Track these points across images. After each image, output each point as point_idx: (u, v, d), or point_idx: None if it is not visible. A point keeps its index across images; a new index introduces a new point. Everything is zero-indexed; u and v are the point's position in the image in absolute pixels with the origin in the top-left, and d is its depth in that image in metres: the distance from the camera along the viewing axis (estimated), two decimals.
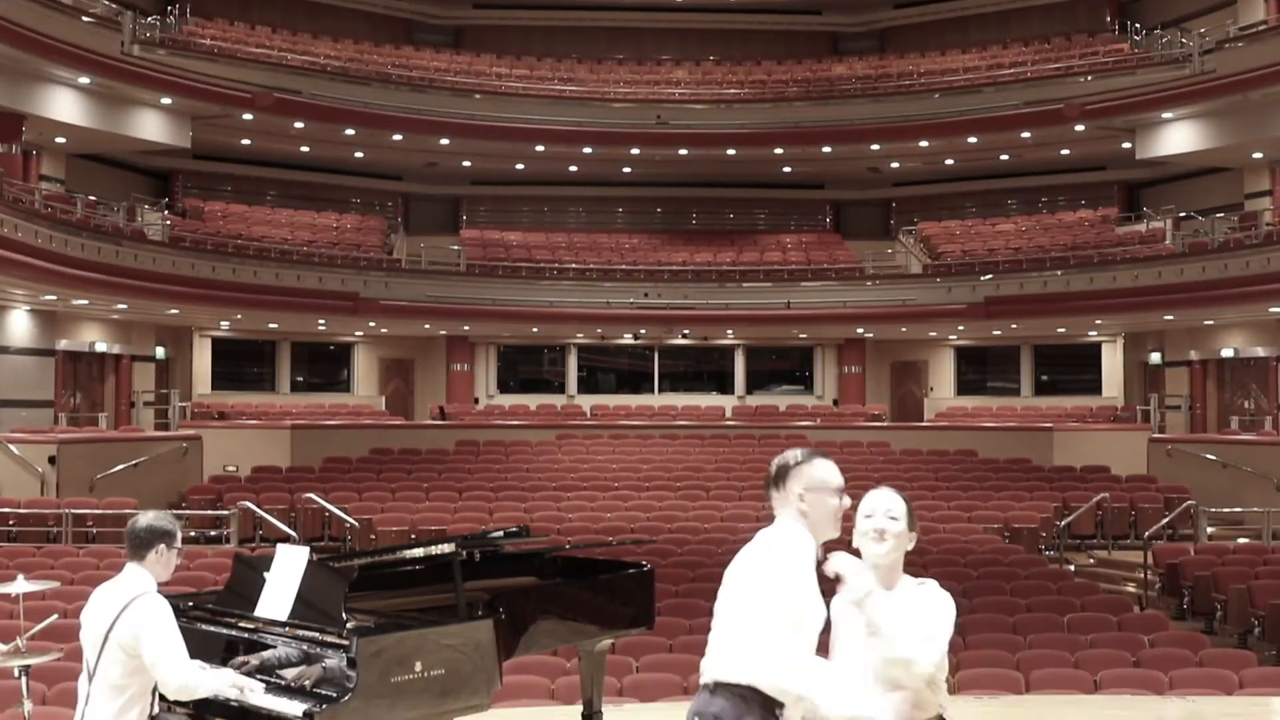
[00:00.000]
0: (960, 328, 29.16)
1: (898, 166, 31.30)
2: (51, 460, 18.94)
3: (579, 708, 7.70)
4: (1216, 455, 21.28)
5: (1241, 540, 18.10)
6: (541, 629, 6.46)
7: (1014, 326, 28.27)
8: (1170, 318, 25.93)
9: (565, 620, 6.80)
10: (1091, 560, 18.57)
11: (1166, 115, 25.93)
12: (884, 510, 4.34)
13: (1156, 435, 23.85)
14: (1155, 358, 28.72)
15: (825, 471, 4.24)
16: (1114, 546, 19.02)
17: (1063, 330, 29.11)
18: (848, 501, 4.25)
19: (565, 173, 31.62)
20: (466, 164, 30.94)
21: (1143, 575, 16.36)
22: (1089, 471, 22.15)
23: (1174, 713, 8.80)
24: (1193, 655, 10.77)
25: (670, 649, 10.90)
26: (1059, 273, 26.44)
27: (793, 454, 4.36)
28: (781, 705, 3.90)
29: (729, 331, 30.68)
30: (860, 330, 30.21)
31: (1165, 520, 18.55)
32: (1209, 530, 18.31)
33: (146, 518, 5.34)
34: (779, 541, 4.10)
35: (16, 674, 5.82)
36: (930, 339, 31.10)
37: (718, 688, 3.97)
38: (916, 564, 14.54)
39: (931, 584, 4.36)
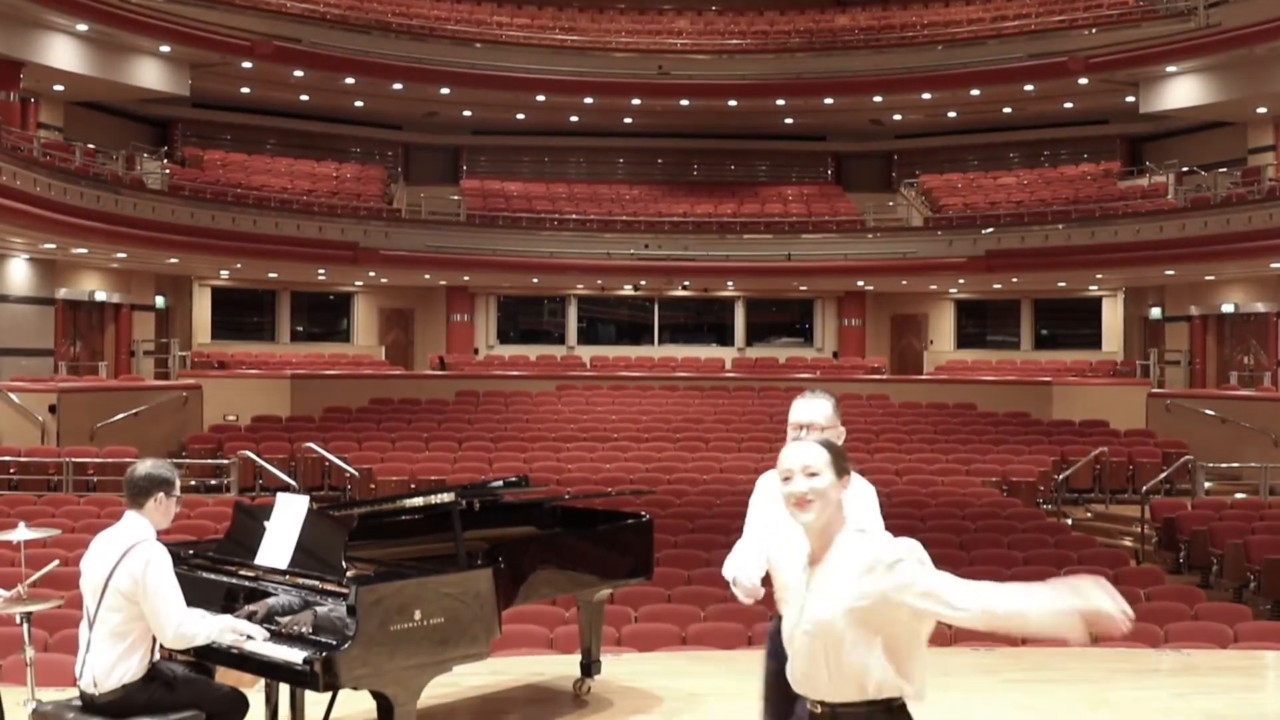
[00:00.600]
0: (961, 281, 29.13)
1: (900, 119, 31.17)
2: (52, 409, 18.97)
3: (577, 657, 7.76)
4: (1215, 411, 21.30)
5: (1239, 495, 18.17)
6: (540, 578, 6.49)
7: (1014, 280, 28.25)
8: (1171, 273, 25.90)
9: (564, 570, 6.84)
10: (1089, 514, 18.63)
11: (1170, 69, 25.81)
12: (801, 467, 3.61)
13: (1155, 390, 23.86)
14: (1155, 312, 28.72)
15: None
16: (1111, 501, 19.07)
17: (1063, 284, 29.07)
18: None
19: (566, 123, 31.48)
20: (467, 114, 30.81)
21: (1140, 529, 16.41)
22: (1088, 426, 22.18)
23: (1169, 665, 8.86)
24: (1188, 609, 10.83)
25: (669, 599, 10.96)
26: (1060, 226, 26.40)
27: None
28: None
29: (729, 283, 30.65)
30: (860, 283, 30.18)
31: (1163, 475, 18.59)
32: (1206, 485, 18.36)
33: (145, 465, 5.36)
34: None
35: (18, 620, 5.85)
36: (930, 292, 31.07)
37: None
38: (914, 517, 14.66)
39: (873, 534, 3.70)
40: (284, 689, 5.83)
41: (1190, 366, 27.06)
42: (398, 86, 28.26)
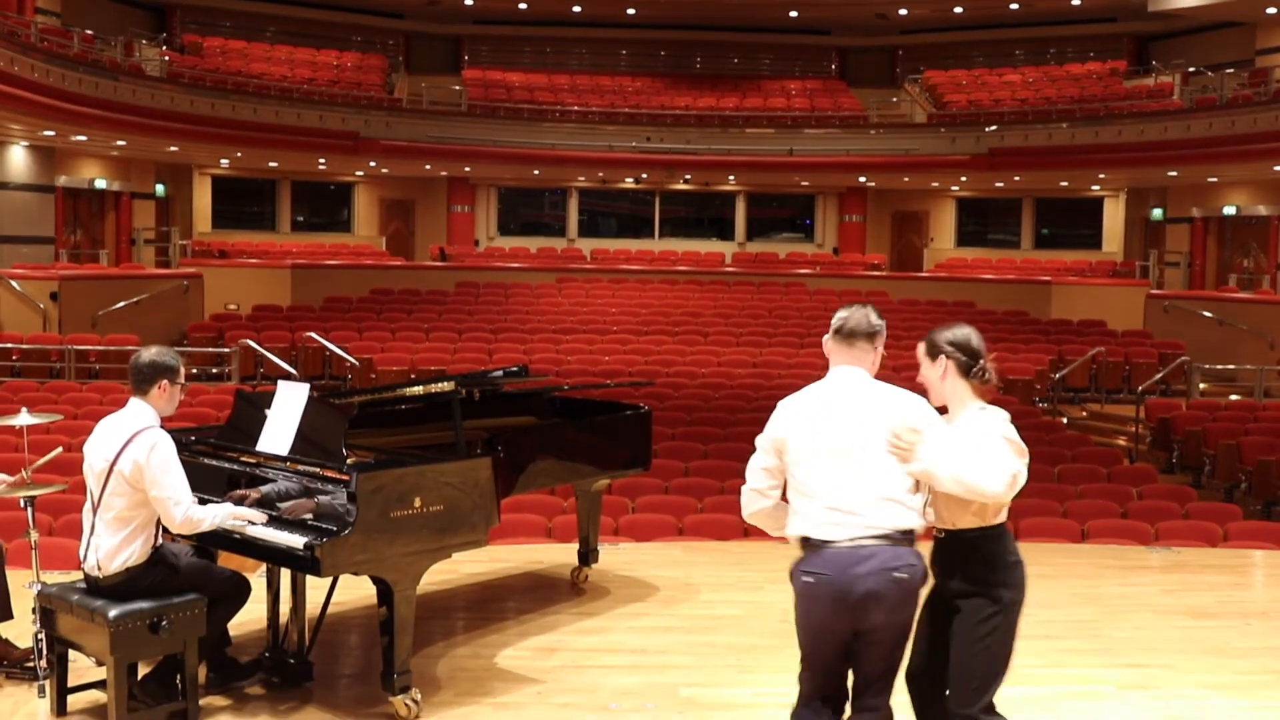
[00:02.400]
0: (963, 179, 28.98)
1: (905, 13, 30.76)
2: (53, 297, 18.98)
3: (575, 546, 7.87)
4: (1213, 313, 21.32)
5: (1233, 397, 18.24)
6: (539, 468, 6.56)
7: (1016, 179, 28.10)
8: (1174, 174, 25.76)
9: (563, 460, 6.90)
10: (1084, 413, 18.72)
11: None
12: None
13: (1154, 291, 23.84)
14: (1157, 213, 28.61)
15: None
16: (1107, 400, 19.14)
17: (1065, 184, 28.93)
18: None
19: (568, 12, 31.09)
20: (469, 1, 30.45)
21: (1134, 429, 16.51)
22: (1085, 325, 22.20)
23: (1158, 562, 8.98)
24: (1180, 508, 10.94)
25: (666, 491, 11.07)
26: (1064, 125, 26.21)
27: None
28: None
29: (730, 177, 30.50)
30: (862, 179, 30.03)
31: (1159, 375, 18.64)
32: (1201, 386, 18.44)
33: (150, 353, 5.39)
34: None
35: (22, 504, 5.92)
36: (932, 189, 30.93)
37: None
38: None
39: (992, 411, 4.49)
40: (285, 574, 5.92)
41: (1190, 268, 27.03)
42: None
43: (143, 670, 5.54)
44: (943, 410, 4.36)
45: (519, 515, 9.63)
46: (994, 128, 27.00)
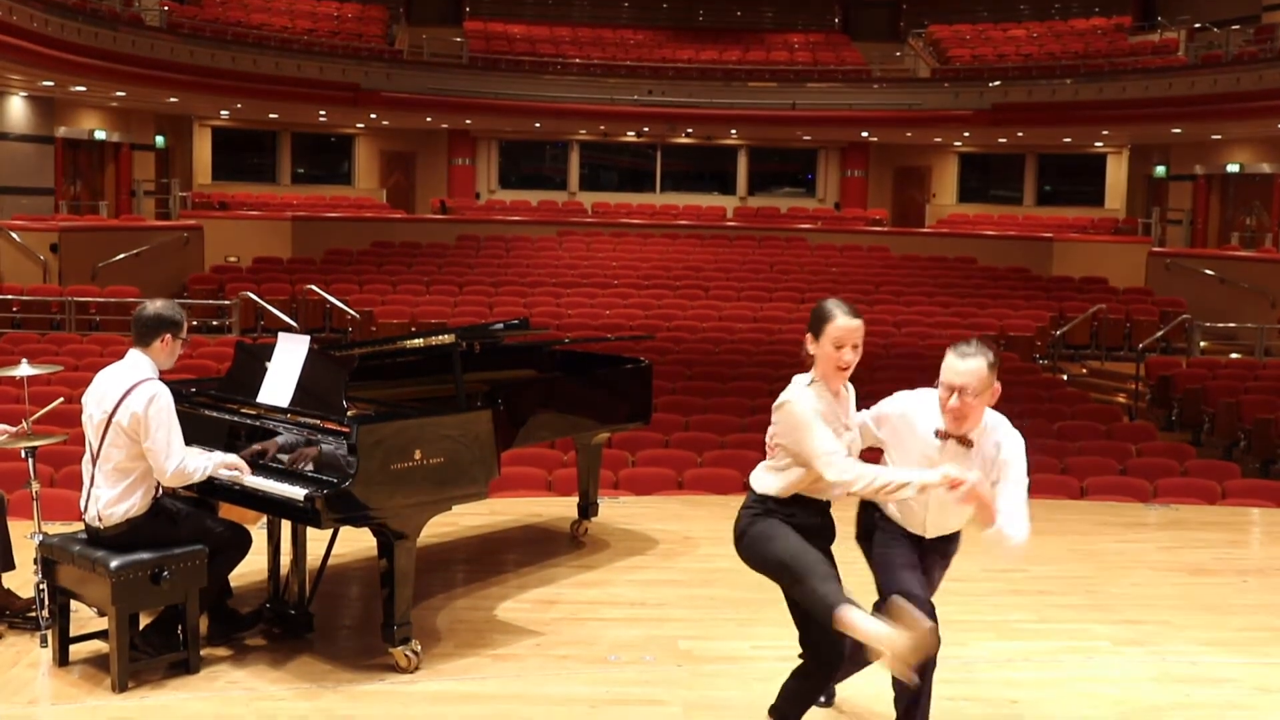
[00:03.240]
0: (965, 134, 28.88)
1: None
2: (53, 248, 18.94)
3: (575, 499, 7.89)
4: (1215, 271, 21.27)
5: (1234, 355, 18.23)
6: (540, 421, 6.57)
7: (1019, 135, 28.01)
8: (1178, 131, 25.64)
9: (563, 414, 6.91)
10: (1084, 370, 18.72)
11: None
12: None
13: (1156, 249, 23.80)
14: (1160, 171, 28.53)
15: None
16: (1107, 357, 19.14)
17: (1068, 140, 28.83)
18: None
19: None
20: None
21: (1134, 387, 16.51)
22: (1087, 282, 22.18)
23: (1156, 519, 9.00)
24: (1178, 465, 10.97)
25: (666, 445, 11.09)
26: (1068, 81, 26.08)
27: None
28: None
29: (732, 131, 30.38)
30: (865, 134, 29.92)
31: (1159, 333, 18.63)
32: (1202, 344, 18.42)
33: (155, 305, 5.39)
34: None
35: (23, 455, 5.93)
36: (935, 145, 30.83)
37: None
38: (912, 369, 14.74)
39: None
40: (286, 526, 5.94)
41: (1192, 226, 26.96)
42: None
43: (144, 621, 5.57)
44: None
45: (519, 468, 9.65)
46: (997, 83, 26.88)
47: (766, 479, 4.43)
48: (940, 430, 4.34)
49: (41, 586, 5.58)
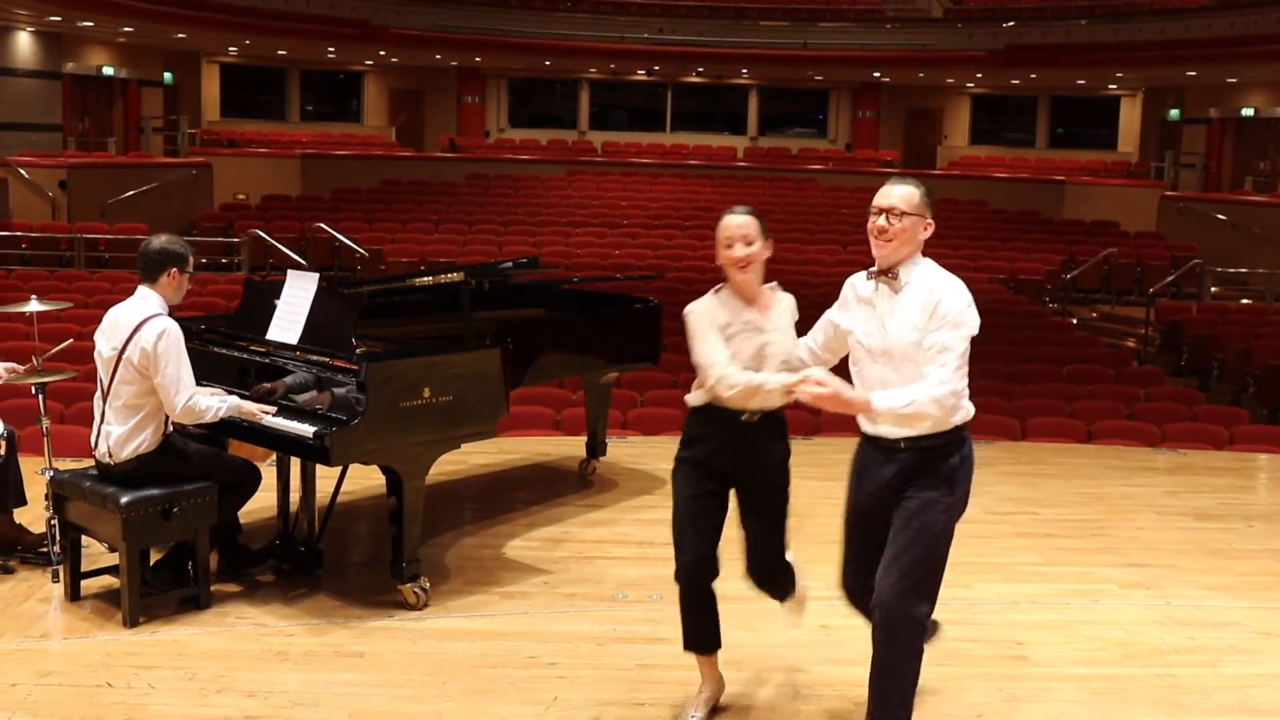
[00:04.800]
0: (978, 75, 28.69)
1: None
2: (62, 185, 18.91)
3: (584, 439, 7.91)
4: (1227, 216, 21.18)
5: (1245, 301, 18.19)
6: (548, 360, 6.57)
7: (1033, 76, 27.81)
8: (1193, 74, 25.44)
9: (572, 353, 6.91)
10: (1094, 314, 18.69)
11: None
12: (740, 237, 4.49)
13: (1169, 193, 23.68)
14: (1174, 114, 28.33)
15: None
16: (1117, 302, 19.10)
17: (1082, 82, 28.62)
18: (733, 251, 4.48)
19: None
20: None
21: (1144, 331, 16.49)
22: (1098, 226, 22.10)
23: (1163, 464, 9.01)
24: (1187, 410, 10.96)
25: (674, 385, 11.08)
26: (1083, 22, 25.86)
27: None
28: None
29: (743, 71, 30.21)
30: (877, 74, 29.73)
31: (1170, 278, 18.55)
32: (1213, 290, 18.37)
33: (159, 240, 5.38)
34: None
35: (34, 392, 5.95)
36: (947, 86, 30.63)
37: None
38: None
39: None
40: (295, 462, 5.96)
41: (1205, 170, 26.80)
42: None
43: (155, 556, 5.60)
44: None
45: (528, 407, 9.66)
46: (1011, 24, 26.65)
47: (691, 394, 4.45)
48: (871, 270, 4.16)
49: (53, 522, 5.61)
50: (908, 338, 4.02)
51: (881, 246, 4.12)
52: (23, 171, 18.74)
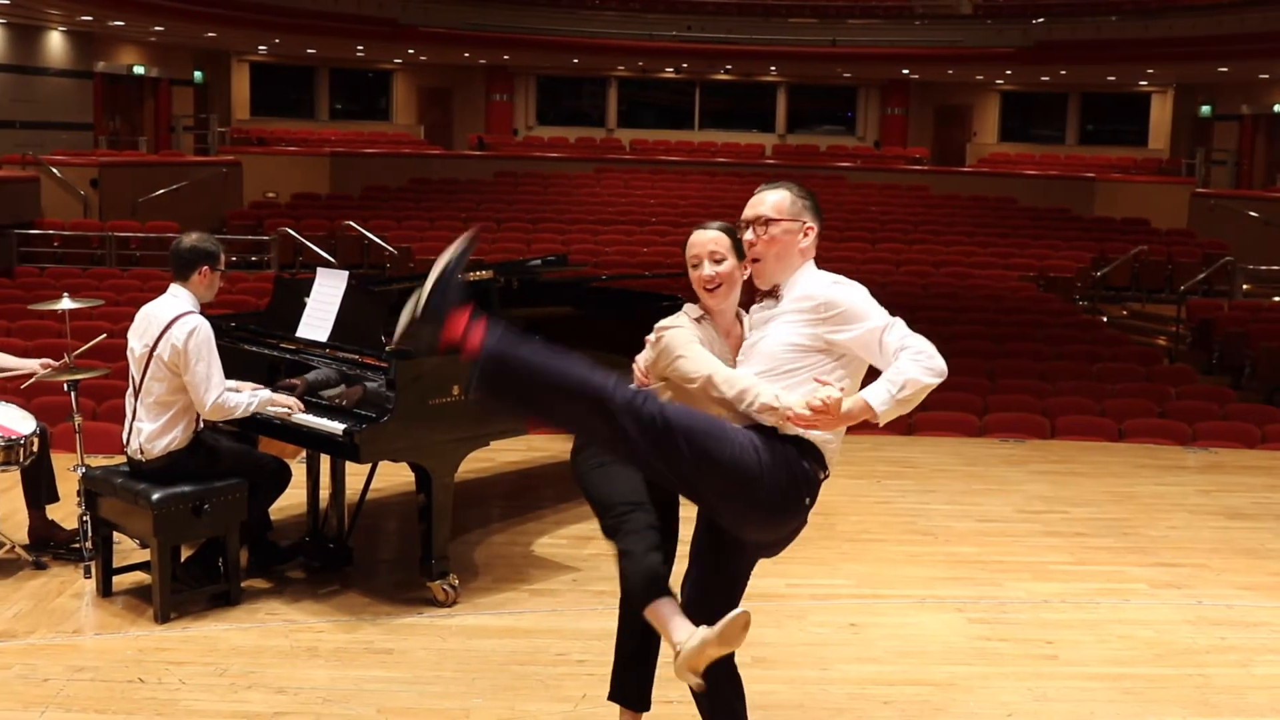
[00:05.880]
0: (1008, 72, 28.58)
1: None
2: (94, 183, 19.00)
3: None
4: (1259, 213, 21.02)
5: (1276, 299, 18.05)
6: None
7: (1063, 73, 27.68)
8: (1225, 70, 25.27)
9: (600, 351, 6.89)
10: (1124, 312, 18.58)
11: None
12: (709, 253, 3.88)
13: (1200, 190, 23.52)
14: (1205, 110, 28.15)
15: None
16: (1148, 299, 18.98)
17: (1112, 79, 28.47)
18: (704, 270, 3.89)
19: None
20: None
21: (1175, 329, 16.39)
22: (1128, 223, 21.98)
23: (1195, 462, 8.96)
24: (1218, 409, 10.88)
25: None
26: (1113, 18, 25.71)
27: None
28: None
29: (771, 68, 30.16)
30: (905, 71, 29.65)
31: (1202, 275, 18.42)
32: (1245, 287, 18.23)
33: (191, 238, 5.41)
34: None
35: (66, 389, 5.98)
36: (976, 83, 30.52)
37: None
38: (949, 309, 14.69)
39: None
40: (325, 460, 5.98)
41: (1237, 167, 26.62)
42: None
43: (186, 553, 5.63)
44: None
45: None
46: (1041, 20, 26.54)
47: None
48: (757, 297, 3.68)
49: (85, 518, 5.65)
50: (784, 338, 3.52)
51: (752, 267, 3.69)
52: (55, 170, 18.84)
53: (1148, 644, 5.36)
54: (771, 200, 3.67)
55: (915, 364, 3.30)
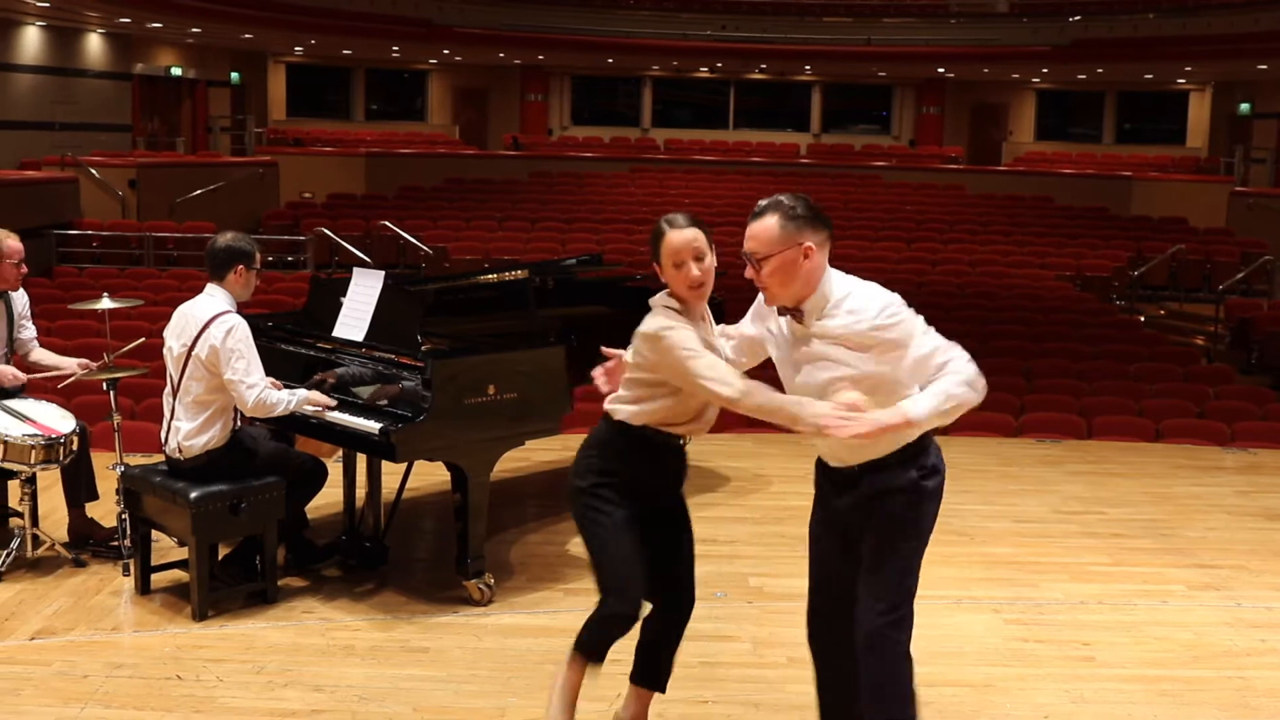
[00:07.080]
0: (1044, 71, 28.45)
1: None
2: (132, 184, 19.12)
3: None
4: None
5: None
6: None
7: (1099, 71, 27.53)
8: (1264, 67, 25.05)
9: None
10: (1162, 312, 18.45)
11: None
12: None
13: (1238, 188, 23.33)
14: (1244, 108, 27.95)
15: None
16: (1186, 299, 18.83)
17: (1149, 77, 28.30)
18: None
19: None
20: None
21: (1213, 329, 16.27)
22: (1166, 222, 21.84)
23: (1233, 463, 8.89)
24: (1257, 409, 10.80)
25: None
26: (1150, 16, 25.55)
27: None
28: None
29: (806, 67, 30.12)
30: (941, 70, 29.55)
31: (1240, 275, 18.27)
32: None
33: (226, 238, 5.43)
34: None
35: (105, 388, 6.02)
36: (1012, 81, 30.39)
37: None
38: (986, 308, 14.62)
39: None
40: (361, 459, 6.00)
41: (1277, 165, 26.40)
42: None
43: (223, 551, 5.66)
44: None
45: (592, 404, 9.63)
46: (1077, 18, 26.41)
47: (627, 409, 4.05)
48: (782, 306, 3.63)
49: (123, 516, 5.69)
50: (820, 378, 3.55)
51: (766, 298, 3.75)
52: (93, 171, 18.96)
53: (1186, 646, 5.32)
54: (760, 235, 3.64)
55: (957, 375, 3.37)
